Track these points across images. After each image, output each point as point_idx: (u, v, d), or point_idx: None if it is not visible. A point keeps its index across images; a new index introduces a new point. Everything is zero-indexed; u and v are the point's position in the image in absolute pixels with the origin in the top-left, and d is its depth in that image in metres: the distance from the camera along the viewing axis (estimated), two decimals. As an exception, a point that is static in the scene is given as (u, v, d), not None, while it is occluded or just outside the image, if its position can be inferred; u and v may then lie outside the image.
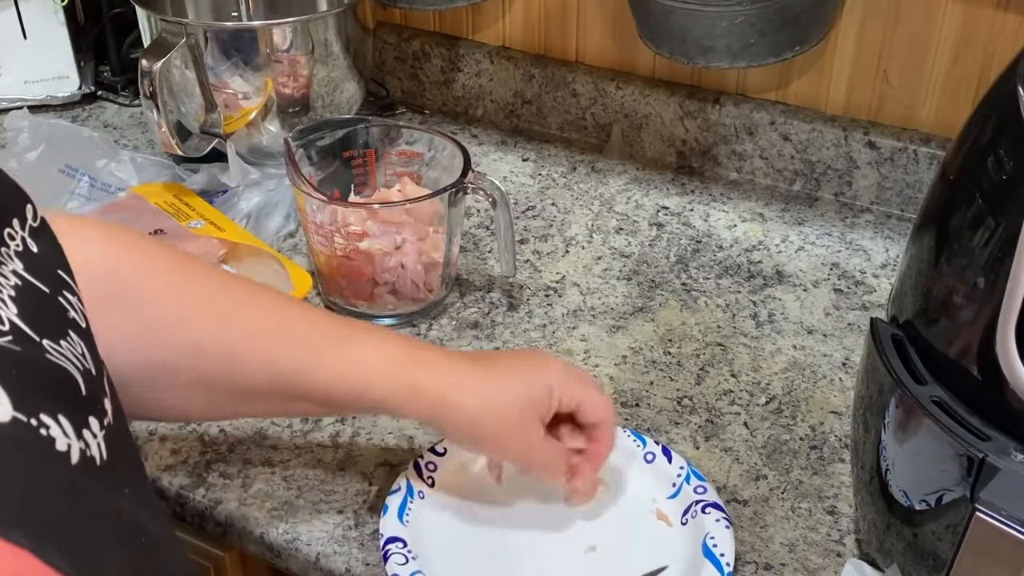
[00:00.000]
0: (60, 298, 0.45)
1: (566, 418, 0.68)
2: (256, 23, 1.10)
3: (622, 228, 1.03)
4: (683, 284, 0.96)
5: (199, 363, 0.61)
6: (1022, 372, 0.52)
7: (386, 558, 0.66)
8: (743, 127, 1.08)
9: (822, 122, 1.05)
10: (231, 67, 1.00)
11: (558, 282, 0.96)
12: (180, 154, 1.00)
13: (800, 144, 1.06)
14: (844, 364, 0.86)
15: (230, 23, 1.11)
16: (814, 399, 0.83)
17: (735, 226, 1.04)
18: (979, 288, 0.54)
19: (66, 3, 1.17)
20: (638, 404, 0.82)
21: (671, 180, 1.11)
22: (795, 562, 0.70)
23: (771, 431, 0.80)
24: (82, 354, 0.43)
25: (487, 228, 1.03)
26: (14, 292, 0.41)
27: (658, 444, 0.75)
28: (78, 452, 0.38)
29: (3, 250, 0.43)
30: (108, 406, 0.44)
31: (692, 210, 1.06)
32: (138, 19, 1.06)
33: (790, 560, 0.70)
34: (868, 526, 0.66)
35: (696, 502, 0.71)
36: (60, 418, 0.38)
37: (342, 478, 0.75)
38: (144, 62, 0.95)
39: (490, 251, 1.00)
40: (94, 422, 0.41)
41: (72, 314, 0.45)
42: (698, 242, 1.01)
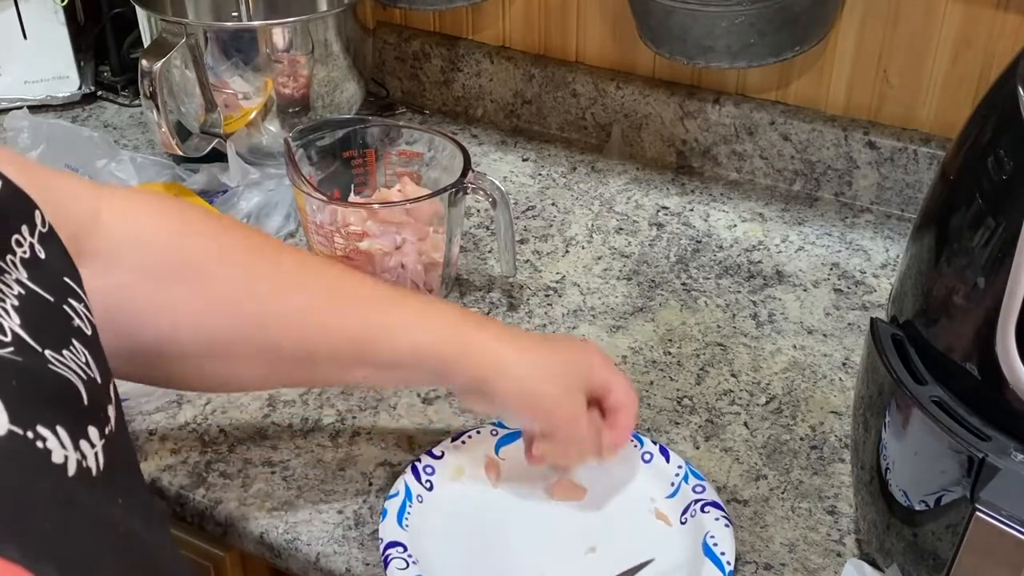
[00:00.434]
0: (65, 306, 0.45)
1: (592, 402, 0.69)
2: (256, 23, 1.10)
3: (622, 228, 1.03)
4: (683, 284, 0.96)
5: (264, 334, 0.62)
6: (1022, 372, 0.52)
7: (386, 563, 0.66)
8: (743, 127, 1.08)
9: (822, 122, 1.05)
10: (231, 67, 1.00)
11: (558, 282, 0.96)
12: (180, 154, 1.00)
13: (800, 144, 1.06)
14: (844, 364, 0.86)
15: (230, 23, 1.11)
16: (814, 399, 0.83)
17: (735, 226, 1.04)
18: (979, 288, 0.54)
19: (66, 3, 1.17)
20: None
21: (671, 180, 1.11)
22: (795, 562, 0.70)
23: (771, 431, 0.80)
24: (86, 363, 0.43)
25: (487, 228, 1.03)
26: (17, 302, 0.41)
27: (656, 444, 0.75)
28: (75, 464, 0.38)
29: (9, 258, 0.43)
30: (112, 414, 0.44)
31: (692, 210, 1.06)
32: (138, 19, 1.06)
33: (790, 560, 0.70)
34: (868, 526, 0.66)
35: (695, 501, 0.71)
36: (58, 429, 0.38)
37: (342, 478, 0.75)
38: (144, 62, 0.95)
39: (490, 251, 1.00)
40: (94, 432, 0.41)
41: (77, 322, 0.45)
42: (698, 242, 1.01)
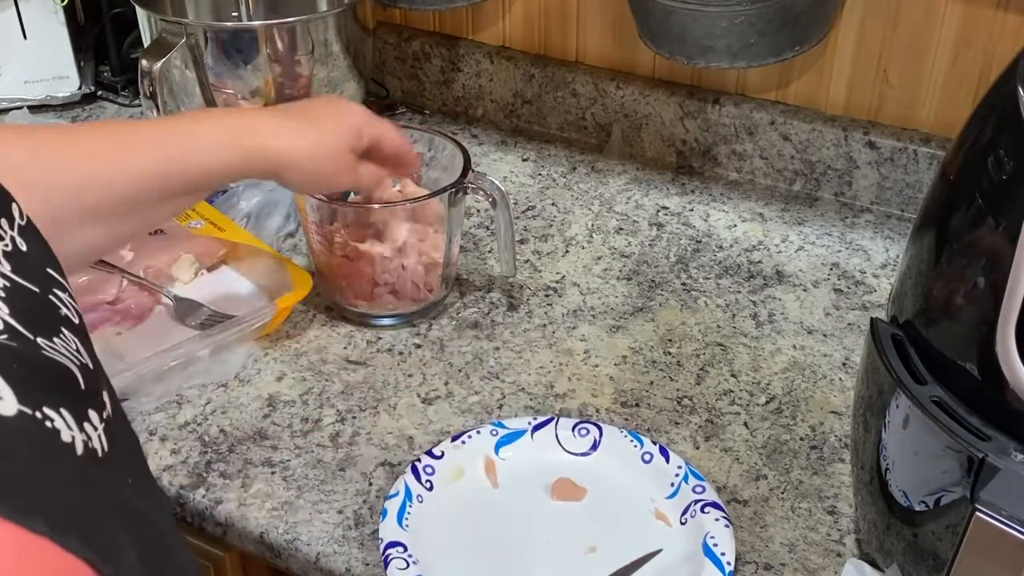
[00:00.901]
0: (51, 296, 0.45)
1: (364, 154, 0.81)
2: (256, 23, 1.10)
3: (622, 228, 1.03)
4: (683, 284, 0.96)
5: (81, 202, 0.67)
6: (1022, 372, 0.52)
7: (387, 563, 0.66)
8: (743, 127, 1.08)
9: (822, 122, 1.05)
10: (231, 67, 1.00)
11: (558, 282, 0.96)
12: (180, 154, 1.00)
13: (800, 144, 1.06)
14: (844, 364, 0.86)
15: (230, 23, 1.11)
16: (814, 399, 0.83)
17: (735, 226, 1.03)
18: (979, 288, 0.54)
19: (66, 3, 1.17)
20: (638, 404, 0.82)
21: (671, 180, 1.11)
22: (795, 562, 0.70)
23: (771, 431, 0.80)
24: (76, 350, 0.43)
25: (487, 228, 1.03)
26: (4, 293, 0.42)
27: (655, 444, 0.75)
28: (82, 443, 0.39)
29: None
30: (107, 399, 0.44)
31: (692, 210, 1.06)
32: (138, 19, 1.06)
33: (790, 560, 0.70)
34: (868, 526, 0.66)
35: (695, 502, 0.71)
36: (62, 411, 0.38)
37: (342, 478, 0.75)
38: (144, 62, 0.95)
39: (490, 251, 1.00)
40: (94, 415, 0.41)
41: (64, 311, 0.45)
42: (698, 242, 1.01)
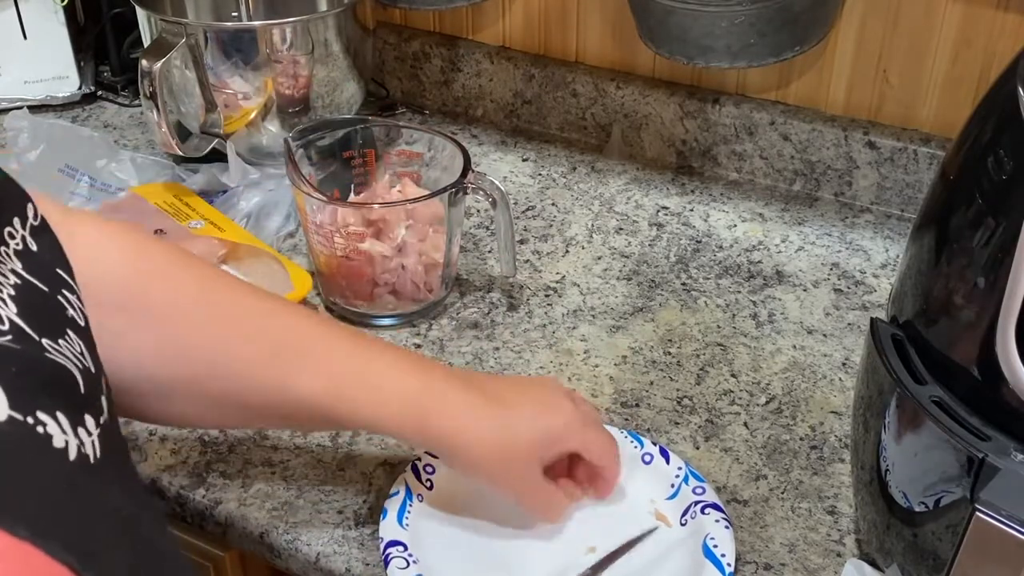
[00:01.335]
0: (59, 297, 0.45)
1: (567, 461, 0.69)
2: (256, 23, 1.10)
3: (622, 228, 1.03)
4: (683, 284, 0.95)
5: (213, 383, 0.60)
6: (1022, 372, 0.52)
7: (387, 562, 0.66)
8: (743, 127, 1.08)
9: (822, 122, 1.05)
10: (231, 67, 1.00)
11: (558, 282, 0.96)
12: (180, 154, 1.00)
13: (800, 144, 1.06)
14: (844, 364, 0.86)
15: (230, 23, 1.11)
16: (814, 399, 0.83)
17: (735, 226, 1.03)
18: (979, 288, 0.54)
19: (66, 3, 1.17)
20: (638, 404, 0.82)
21: (671, 180, 1.11)
22: (795, 562, 0.70)
23: (771, 431, 0.80)
24: (81, 352, 0.43)
25: (487, 228, 1.03)
26: (14, 291, 0.41)
27: (656, 445, 0.75)
28: (75, 449, 0.39)
29: (3, 249, 0.43)
30: (104, 404, 0.44)
31: (692, 210, 1.06)
32: (138, 19, 1.06)
33: (790, 560, 0.70)
34: (868, 526, 0.66)
35: (695, 503, 0.71)
36: (58, 415, 0.38)
37: (342, 478, 0.75)
38: (144, 62, 0.95)
39: (490, 251, 1.00)
40: (90, 420, 0.41)
41: (71, 312, 0.45)
42: (698, 242, 1.01)
